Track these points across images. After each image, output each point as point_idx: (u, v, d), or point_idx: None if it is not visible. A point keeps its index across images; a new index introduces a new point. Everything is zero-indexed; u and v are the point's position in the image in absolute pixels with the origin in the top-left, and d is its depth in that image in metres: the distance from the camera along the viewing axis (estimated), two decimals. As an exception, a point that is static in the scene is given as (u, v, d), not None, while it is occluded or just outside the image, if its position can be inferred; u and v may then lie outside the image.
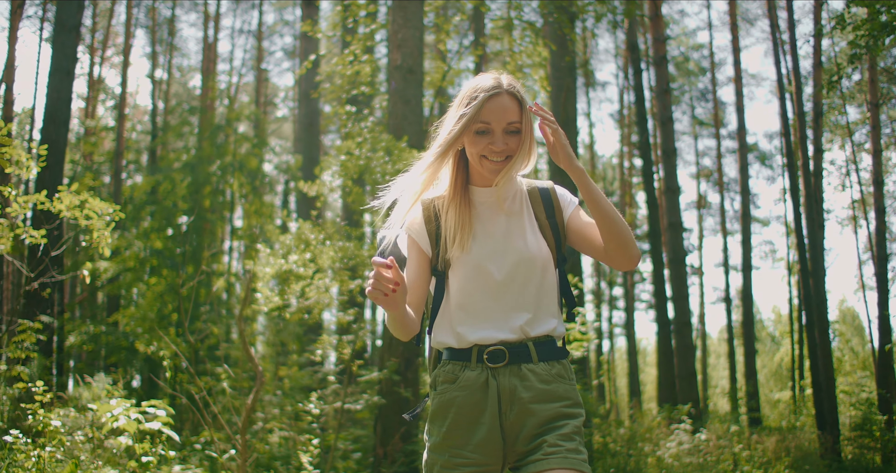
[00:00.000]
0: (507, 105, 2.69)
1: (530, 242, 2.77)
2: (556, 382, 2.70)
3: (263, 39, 30.85)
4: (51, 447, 4.93)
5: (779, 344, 36.10)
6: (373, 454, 9.76)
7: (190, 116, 21.84)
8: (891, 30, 8.41)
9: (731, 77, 29.61)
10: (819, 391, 16.40)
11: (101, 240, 5.45)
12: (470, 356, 2.70)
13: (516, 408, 2.65)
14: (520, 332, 2.69)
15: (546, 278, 2.77)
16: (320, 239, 9.11)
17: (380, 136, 9.71)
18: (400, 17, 10.37)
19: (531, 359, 2.69)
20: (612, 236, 2.65)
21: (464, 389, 2.68)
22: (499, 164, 2.71)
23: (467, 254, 2.72)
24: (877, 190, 19.02)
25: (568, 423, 2.64)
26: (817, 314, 16.77)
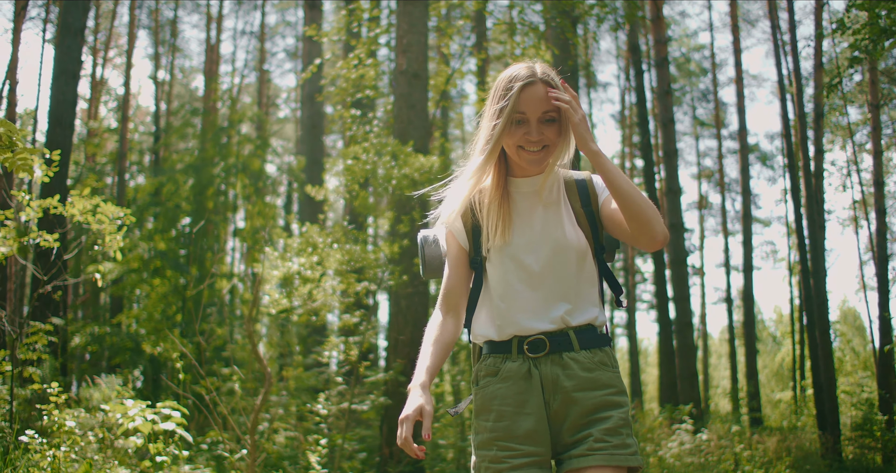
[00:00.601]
0: (541, 94, 2.66)
1: (568, 231, 2.74)
2: (598, 370, 2.66)
3: (265, 40, 30.93)
4: (65, 447, 5.02)
5: (780, 344, 36.17)
6: (378, 454, 9.86)
7: (193, 118, 21.93)
8: (890, 34, 8.50)
9: (732, 78, 29.69)
10: (820, 392, 16.47)
11: (113, 244, 5.55)
12: (510, 348, 2.68)
13: (559, 397, 2.61)
14: (560, 322, 2.66)
15: (584, 267, 2.75)
16: (328, 243, 9.22)
17: (386, 140, 9.83)
18: (405, 22, 10.49)
19: (572, 347, 2.65)
20: (633, 216, 2.60)
21: (506, 380, 2.65)
22: (536, 154, 2.69)
23: (506, 246, 2.71)
24: (877, 191, 19.10)
25: (613, 415, 2.60)
26: (818, 315, 16.83)
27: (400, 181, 9.07)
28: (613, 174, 2.61)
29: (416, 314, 10.16)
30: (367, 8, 12.67)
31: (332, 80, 12.93)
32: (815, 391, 16.97)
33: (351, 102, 12.46)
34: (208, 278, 14.25)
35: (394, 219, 9.97)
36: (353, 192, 9.77)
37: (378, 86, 13.25)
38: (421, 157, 9.26)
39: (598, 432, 2.55)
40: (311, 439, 9.00)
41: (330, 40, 13.00)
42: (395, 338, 9.91)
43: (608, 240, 2.88)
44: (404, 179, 9.03)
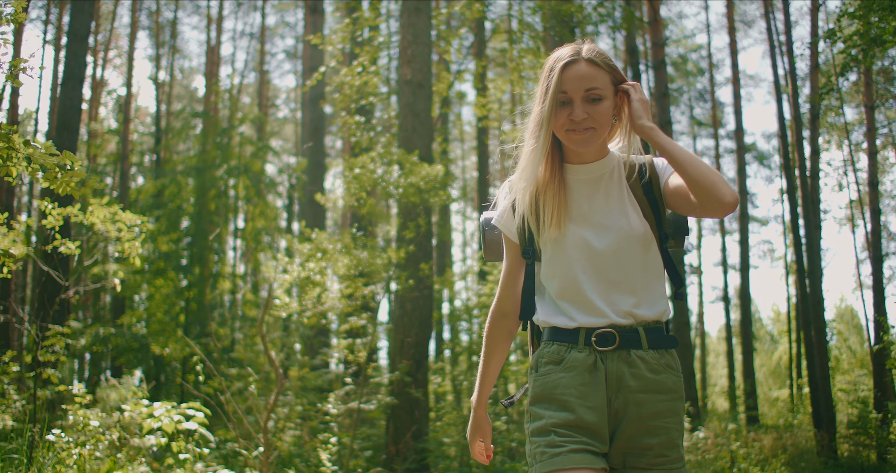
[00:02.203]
0: (584, 72, 2.55)
1: (632, 219, 2.62)
2: (665, 372, 2.57)
3: (265, 42, 31.08)
4: (90, 445, 5.23)
5: (777, 343, 36.31)
6: (385, 451, 10.08)
7: (194, 120, 22.09)
8: (880, 43, 8.70)
9: (729, 78, 29.86)
10: (816, 390, 16.66)
11: (132, 251, 5.75)
12: (577, 338, 2.56)
13: (622, 396, 2.52)
14: (628, 316, 2.56)
15: (649, 256, 2.64)
16: (337, 249, 9.44)
17: (392, 149, 10.07)
18: (409, 33, 10.72)
19: (641, 345, 2.55)
20: (697, 182, 2.47)
21: (570, 370, 2.54)
22: (581, 133, 2.57)
23: (562, 236, 2.59)
24: (872, 192, 19.31)
25: (671, 425, 2.55)
26: (814, 314, 17.02)
27: (406, 189, 9.30)
28: (669, 145, 2.53)
29: (422, 317, 10.38)
30: (369, 17, 12.86)
31: (337, 86, 13.13)
32: (811, 390, 17.16)
33: (355, 109, 12.68)
34: (211, 280, 14.43)
35: (400, 225, 10.20)
36: (360, 200, 9.98)
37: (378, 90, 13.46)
38: (426, 166, 9.50)
39: (658, 446, 2.51)
40: (321, 437, 9.23)
41: (337, 50, 13.20)
42: (401, 340, 10.12)
43: (677, 225, 2.79)
44: (410, 187, 9.27)
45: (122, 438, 5.78)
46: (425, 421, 10.63)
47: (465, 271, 24.30)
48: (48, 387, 6.82)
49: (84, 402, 5.80)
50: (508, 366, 12.65)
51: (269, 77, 32.72)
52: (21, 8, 3.23)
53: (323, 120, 19.00)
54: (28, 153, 3.32)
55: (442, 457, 10.48)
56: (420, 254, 10.32)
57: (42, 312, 6.66)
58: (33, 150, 3.39)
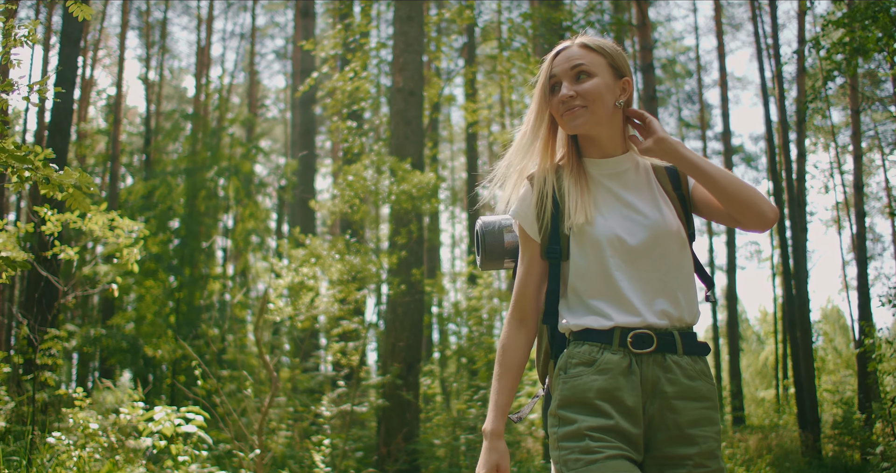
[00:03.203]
0: (572, 53, 2.51)
1: (665, 213, 2.51)
2: (700, 379, 2.44)
3: (255, 42, 31.11)
4: (90, 447, 5.33)
5: (764, 343, 36.52)
6: (376, 453, 10.21)
7: (184, 121, 22.14)
8: (864, 52, 8.87)
9: (717, 80, 30.05)
10: (801, 391, 16.83)
11: (130, 257, 5.84)
12: (611, 339, 2.41)
13: (657, 403, 2.38)
14: (664, 317, 2.42)
15: (684, 256, 2.52)
16: (331, 255, 9.57)
17: (384, 157, 10.22)
18: (401, 42, 10.86)
19: (676, 350, 2.42)
20: (736, 202, 2.42)
21: (604, 372, 2.38)
22: (571, 112, 2.47)
23: (594, 227, 2.44)
24: (857, 195, 19.52)
25: (710, 434, 2.41)
26: (800, 316, 17.20)
27: (399, 197, 9.45)
28: (700, 162, 2.45)
29: (413, 321, 10.53)
30: (360, 23, 12.97)
31: (329, 91, 13.24)
32: (797, 390, 17.33)
33: (347, 114, 12.82)
34: (201, 281, 14.52)
35: (392, 231, 10.34)
36: (354, 206, 10.11)
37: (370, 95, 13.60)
38: (418, 173, 9.67)
39: (698, 456, 2.36)
40: (314, 439, 9.36)
41: (329, 56, 13.31)
42: (393, 344, 10.26)
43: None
44: (403, 194, 9.42)
45: (118, 440, 5.87)
46: (416, 423, 10.76)
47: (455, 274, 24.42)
48: (46, 390, 6.91)
49: (83, 405, 5.90)
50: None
51: (258, 78, 32.77)
52: (34, 29, 3.33)
53: (314, 122, 19.09)
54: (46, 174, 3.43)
55: (432, 458, 10.60)
56: (412, 259, 10.46)
57: (40, 316, 6.74)
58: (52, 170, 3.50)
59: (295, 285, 9.42)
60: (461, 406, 12.29)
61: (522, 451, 13.22)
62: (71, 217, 5.57)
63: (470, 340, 13.02)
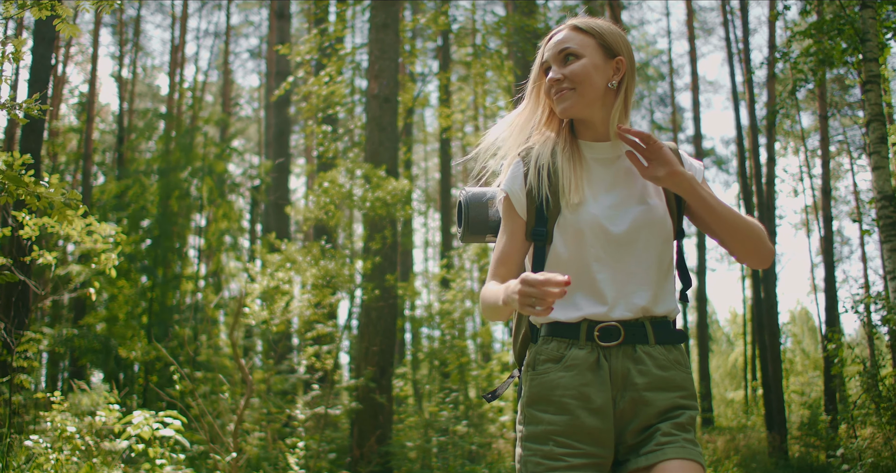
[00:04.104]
0: (562, 36, 2.46)
1: (652, 205, 2.44)
2: (673, 369, 2.38)
3: (229, 40, 31.03)
4: (67, 450, 5.38)
5: (734, 345, 36.86)
6: (349, 455, 10.29)
7: (157, 120, 22.07)
8: (829, 63, 9.06)
9: (689, 84, 30.31)
10: (769, 392, 17.09)
11: (108, 262, 5.88)
12: (578, 333, 2.35)
13: (628, 395, 2.33)
14: (638, 310, 2.35)
15: (667, 250, 2.44)
16: (308, 260, 9.66)
17: (360, 164, 10.32)
18: (377, 49, 10.95)
19: (647, 340, 2.36)
20: (742, 244, 2.42)
21: (570, 368, 2.33)
22: (560, 94, 2.42)
23: (578, 212, 2.37)
24: (825, 199, 19.78)
25: (684, 412, 2.34)
26: (768, 318, 17.45)
27: (374, 203, 9.57)
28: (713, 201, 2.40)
29: (386, 325, 10.63)
30: (336, 29, 13.05)
31: (304, 95, 13.31)
32: (765, 392, 17.59)
33: (322, 118, 12.90)
34: (174, 281, 14.52)
35: (367, 237, 10.44)
36: (329, 212, 10.21)
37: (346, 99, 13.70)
38: (393, 180, 9.80)
39: (666, 426, 2.30)
40: (288, 441, 9.45)
41: (302, 58, 13.37)
42: (366, 348, 10.35)
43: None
44: (377, 200, 9.54)
45: (95, 442, 5.92)
46: (389, 426, 10.86)
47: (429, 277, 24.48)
48: (22, 392, 6.93)
49: (61, 408, 5.95)
50: (469, 371, 12.88)
51: (232, 76, 32.68)
52: (20, 47, 3.40)
53: (288, 124, 19.10)
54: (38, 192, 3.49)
55: (405, 460, 10.70)
56: (386, 265, 10.57)
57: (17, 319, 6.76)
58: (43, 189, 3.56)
59: (270, 290, 9.50)
60: (433, 409, 12.39)
61: (493, 452, 13.34)
62: (49, 222, 5.62)
63: (443, 343, 13.12)
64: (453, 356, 12.70)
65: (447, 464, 10.67)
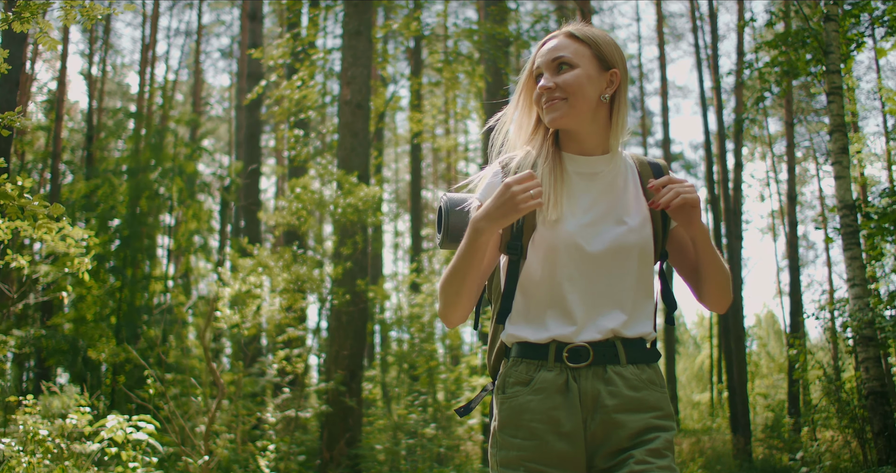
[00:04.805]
0: (556, 43, 2.38)
1: (632, 225, 2.35)
2: (646, 389, 2.30)
3: (200, 39, 30.90)
4: (39, 454, 5.40)
5: (700, 347, 37.20)
6: (319, 457, 10.35)
7: (127, 120, 21.95)
8: (794, 74, 9.24)
9: (658, 89, 30.57)
10: (734, 395, 17.33)
11: (81, 266, 5.90)
12: (546, 354, 2.29)
13: (599, 417, 2.25)
14: (608, 333, 2.29)
15: (645, 271, 2.36)
16: (278, 265, 9.72)
17: (331, 171, 10.41)
18: (350, 55, 11.03)
19: (619, 360, 2.29)
20: (711, 288, 2.42)
21: (539, 392, 2.27)
22: (551, 104, 2.33)
23: (555, 229, 2.29)
24: (790, 205, 20.09)
25: (659, 436, 2.25)
26: (733, 322, 17.69)
27: (345, 209, 9.66)
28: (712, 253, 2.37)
29: (356, 329, 10.72)
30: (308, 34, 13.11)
31: (277, 99, 13.36)
32: (730, 395, 17.83)
33: (294, 122, 12.95)
34: (143, 281, 14.47)
35: (337, 242, 10.51)
36: (301, 217, 10.27)
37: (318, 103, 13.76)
38: (365, 186, 9.90)
39: (640, 453, 2.20)
40: (258, 444, 9.51)
41: (275, 62, 13.41)
42: (337, 351, 10.42)
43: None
44: (349, 207, 9.63)
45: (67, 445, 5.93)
46: (359, 429, 10.93)
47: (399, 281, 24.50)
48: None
49: (33, 411, 5.96)
50: (438, 373, 12.96)
51: (203, 76, 32.55)
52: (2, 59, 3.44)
53: (259, 125, 19.09)
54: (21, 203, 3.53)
55: (374, 463, 10.77)
56: (357, 270, 10.66)
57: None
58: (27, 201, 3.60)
59: (242, 294, 9.54)
60: (402, 412, 12.46)
61: (461, 454, 13.43)
62: (22, 225, 5.62)
63: (412, 346, 13.20)
64: (422, 359, 12.79)
65: (416, 467, 10.75)
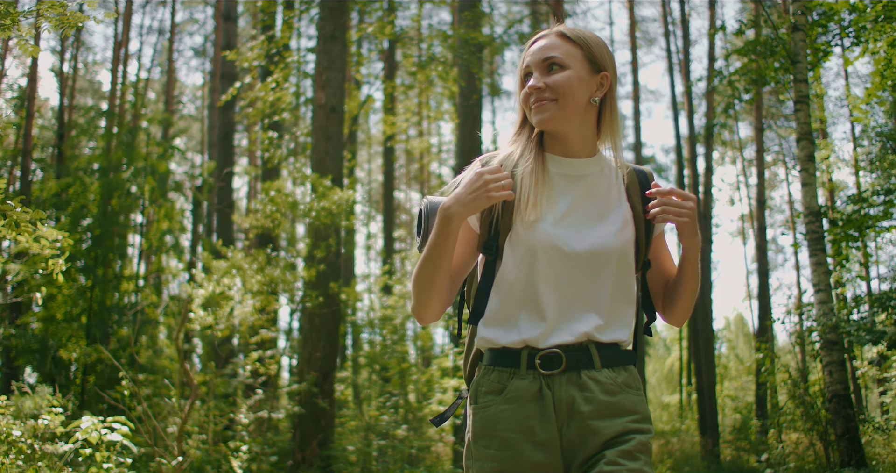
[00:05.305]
0: (547, 43, 2.34)
1: (612, 230, 2.31)
2: (622, 393, 2.26)
3: (173, 37, 30.78)
4: (13, 455, 5.40)
5: (670, 349, 37.51)
6: (291, 458, 10.39)
7: (99, 118, 21.83)
8: (762, 82, 9.40)
9: (630, 93, 30.79)
10: (702, 398, 17.52)
11: (55, 267, 5.89)
12: (519, 361, 2.25)
13: (575, 425, 2.20)
14: (581, 337, 2.24)
15: (623, 278, 2.32)
16: (253, 268, 9.77)
17: (306, 174, 10.47)
18: (325, 59, 11.09)
19: (593, 365, 2.24)
20: (685, 306, 2.43)
21: (512, 401, 2.23)
22: (539, 105, 2.29)
23: (533, 230, 2.25)
24: (759, 209, 20.34)
25: (634, 438, 2.20)
26: (703, 325, 17.89)
27: (319, 213, 9.73)
28: (696, 269, 2.40)
29: (329, 331, 10.77)
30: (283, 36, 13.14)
31: (251, 101, 13.39)
32: (699, 397, 18.03)
33: (268, 124, 12.99)
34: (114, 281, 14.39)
35: (311, 245, 10.57)
36: (275, 220, 10.33)
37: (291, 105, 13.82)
38: (339, 190, 9.98)
39: (612, 453, 2.16)
40: (231, 444, 9.54)
41: (249, 64, 13.43)
42: (309, 353, 10.47)
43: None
44: (323, 210, 9.71)
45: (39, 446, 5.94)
46: (331, 430, 10.98)
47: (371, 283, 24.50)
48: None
49: (6, 412, 5.96)
50: (410, 375, 13.02)
51: (176, 75, 32.43)
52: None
53: (233, 125, 19.03)
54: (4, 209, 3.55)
55: (346, 463, 10.81)
56: (330, 272, 10.72)
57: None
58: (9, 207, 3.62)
59: (216, 296, 9.57)
60: (374, 413, 12.51)
61: (432, 455, 13.50)
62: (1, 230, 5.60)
63: (384, 347, 13.25)
64: (394, 361, 12.85)
65: (387, 467, 10.81)
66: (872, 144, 11.15)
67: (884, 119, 11.39)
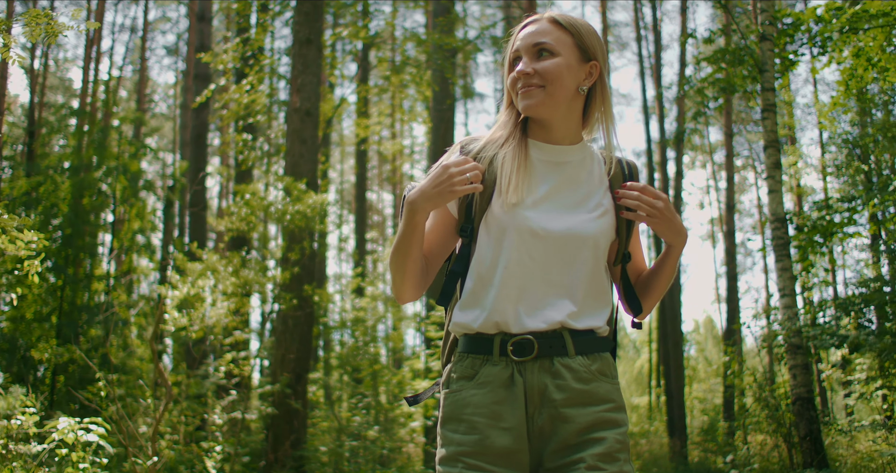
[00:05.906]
0: (537, 28, 2.31)
1: (589, 218, 2.29)
2: (596, 381, 2.23)
3: (146, 36, 30.65)
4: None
5: (640, 351, 37.77)
6: (264, 459, 10.44)
7: (70, 116, 21.72)
8: (731, 90, 9.57)
9: (602, 96, 30.88)
10: (671, 399, 17.72)
11: (31, 268, 5.92)
12: (492, 348, 2.22)
13: (546, 412, 2.19)
14: (555, 324, 2.22)
15: (599, 266, 2.31)
16: (228, 270, 9.81)
17: (281, 177, 10.53)
18: (300, 63, 11.14)
19: (566, 352, 2.21)
20: (654, 301, 2.45)
21: (483, 386, 2.21)
22: (527, 90, 2.26)
23: (512, 214, 2.23)
24: (728, 214, 20.59)
25: (608, 436, 2.16)
26: (672, 328, 18.08)
27: (294, 216, 9.80)
28: (675, 266, 2.42)
29: (302, 333, 10.82)
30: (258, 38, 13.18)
31: (225, 104, 13.43)
32: (667, 399, 18.22)
33: (242, 126, 13.03)
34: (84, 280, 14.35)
35: (285, 248, 10.64)
36: (250, 223, 10.39)
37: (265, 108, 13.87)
38: (313, 194, 10.06)
39: (590, 457, 2.12)
40: (204, 445, 9.57)
41: (224, 67, 13.45)
42: (283, 355, 10.52)
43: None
44: (297, 213, 9.79)
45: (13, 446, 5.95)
46: (304, 431, 11.02)
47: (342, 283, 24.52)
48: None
49: (-20, 415, 5.99)
50: (382, 376, 13.09)
51: (148, 73, 32.28)
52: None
53: (206, 126, 18.99)
54: None
55: (318, 464, 10.87)
56: (304, 275, 10.77)
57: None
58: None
59: (191, 298, 9.60)
60: (346, 414, 12.57)
61: (403, 456, 13.57)
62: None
63: (356, 349, 13.32)
64: (366, 362, 12.93)
65: (359, 468, 10.87)
66: (840, 151, 11.38)
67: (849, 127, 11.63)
